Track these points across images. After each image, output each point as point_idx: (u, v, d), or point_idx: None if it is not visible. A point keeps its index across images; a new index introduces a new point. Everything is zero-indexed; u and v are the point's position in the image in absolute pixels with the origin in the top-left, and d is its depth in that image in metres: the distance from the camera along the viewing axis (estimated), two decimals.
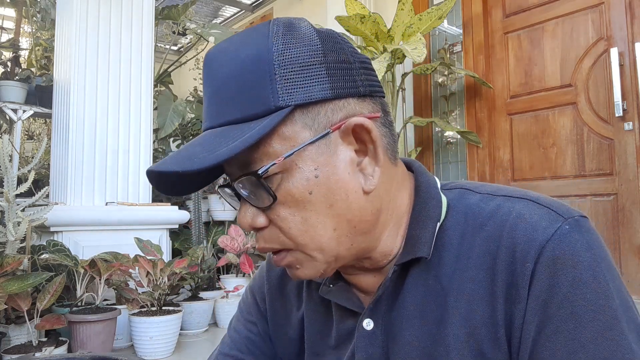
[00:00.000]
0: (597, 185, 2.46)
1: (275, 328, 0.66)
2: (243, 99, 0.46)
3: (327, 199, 0.47)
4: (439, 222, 0.52)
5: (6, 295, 1.65)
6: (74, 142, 2.42)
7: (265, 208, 0.48)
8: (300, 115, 0.47)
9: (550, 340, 0.44)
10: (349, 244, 0.49)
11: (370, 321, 0.53)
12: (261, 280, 0.68)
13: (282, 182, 0.47)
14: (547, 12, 2.72)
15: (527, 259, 0.45)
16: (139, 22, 2.67)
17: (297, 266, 0.50)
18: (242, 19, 5.48)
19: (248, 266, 2.70)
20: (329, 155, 0.47)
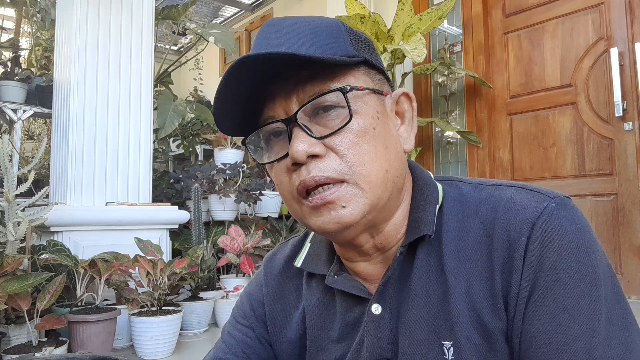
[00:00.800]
0: (597, 185, 2.46)
1: (275, 330, 0.66)
2: (323, 43, 0.51)
3: (384, 140, 0.53)
4: (438, 205, 0.56)
5: (6, 295, 1.65)
6: (74, 142, 2.42)
7: (331, 134, 0.51)
8: (365, 70, 0.54)
9: (538, 304, 0.48)
10: (388, 193, 0.53)
11: (379, 306, 0.56)
12: (259, 285, 0.69)
13: (355, 109, 0.51)
14: (547, 12, 2.72)
15: (521, 234, 0.50)
16: (139, 22, 2.67)
17: (343, 204, 0.51)
18: (242, 19, 5.48)
19: (248, 266, 2.70)
20: (384, 111, 0.55)
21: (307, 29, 0.52)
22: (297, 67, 0.50)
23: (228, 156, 3.43)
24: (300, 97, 0.52)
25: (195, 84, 5.00)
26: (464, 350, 0.50)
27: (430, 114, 3.18)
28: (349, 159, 0.50)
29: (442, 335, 0.52)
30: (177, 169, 3.53)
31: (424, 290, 0.54)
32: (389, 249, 0.57)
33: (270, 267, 0.70)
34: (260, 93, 0.53)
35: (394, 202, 0.55)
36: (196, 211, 2.77)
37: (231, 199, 3.09)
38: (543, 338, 0.47)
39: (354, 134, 0.51)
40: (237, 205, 3.17)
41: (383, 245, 0.57)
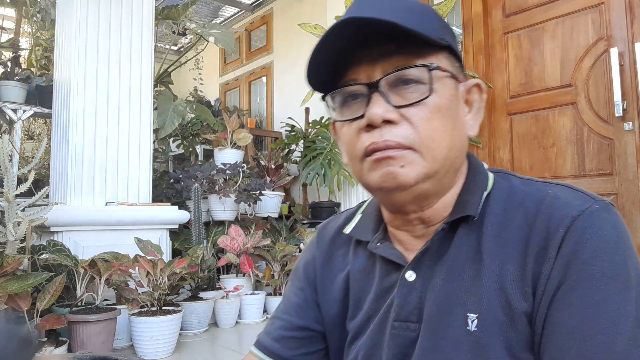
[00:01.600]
0: (597, 185, 2.46)
1: (323, 290, 0.72)
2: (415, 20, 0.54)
3: (453, 122, 0.57)
4: (486, 192, 0.60)
5: (6, 295, 1.65)
6: (74, 142, 2.42)
7: (409, 105, 0.55)
8: (447, 55, 0.58)
9: (567, 294, 0.50)
10: (445, 169, 0.57)
11: (413, 273, 0.60)
12: (311, 251, 0.76)
13: (435, 87, 0.55)
14: (547, 12, 2.72)
15: (560, 227, 0.52)
16: (139, 22, 2.67)
17: (402, 164, 0.55)
18: (242, 19, 5.48)
19: (248, 266, 2.70)
20: (457, 96, 0.59)
21: (402, 3, 0.56)
22: (387, 37, 0.54)
23: (228, 156, 3.43)
24: (384, 67, 0.55)
25: (195, 84, 5.00)
26: (487, 324, 0.53)
27: None
28: (421, 130, 0.55)
29: (469, 307, 0.55)
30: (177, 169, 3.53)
31: (459, 265, 0.57)
32: (433, 225, 0.61)
33: (323, 234, 0.77)
34: (346, 55, 0.57)
35: (449, 180, 0.59)
36: (196, 211, 2.76)
37: (231, 199, 3.09)
38: (567, 326, 0.49)
39: (429, 110, 0.55)
40: (237, 205, 3.17)
41: (429, 220, 0.61)
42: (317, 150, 3.48)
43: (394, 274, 0.63)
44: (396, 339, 0.60)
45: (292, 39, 4.63)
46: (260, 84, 5.23)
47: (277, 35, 4.94)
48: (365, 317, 0.65)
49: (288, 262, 2.80)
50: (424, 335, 0.57)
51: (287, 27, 4.71)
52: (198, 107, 3.98)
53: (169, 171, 4.12)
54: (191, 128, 3.91)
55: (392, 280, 0.63)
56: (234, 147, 3.50)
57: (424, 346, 0.57)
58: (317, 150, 3.48)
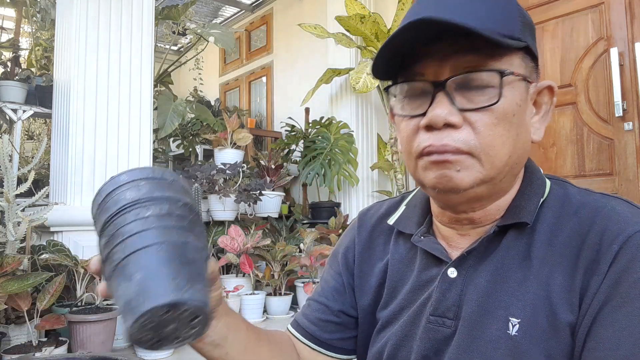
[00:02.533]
0: (597, 185, 2.46)
1: (360, 276, 0.72)
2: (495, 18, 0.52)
3: (518, 128, 0.55)
4: (542, 199, 0.59)
5: (6, 295, 1.65)
6: (74, 142, 2.42)
7: (474, 109, 0.52)
8: (523, 56, 0.55)
9: (615, 311, 0.49)
10: (503, 176, 0.56)
11: (455, 270, 0.59)
12: (352, 237, 0.76)
13: (504, 93, 0.52)
14: (547, 12, 2.72)
15: (614, 242, 0.51)
16: (139, 22, 2.67)
17: (458, 168, 0.53)
18: (242, 19, 5.48)
19: (248, 266, 2.70)
20: (525, 100, 0.56)
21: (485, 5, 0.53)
22: (461, 34, 0.50)
23: (228, 156, 3.43)
24: (454, 65, 0.53)
25: (195, 84, 5.00)
26: (529, 330, 0.52)
27: None
28: (483, 137, 0.53)
29: (512, 311, 0.54)
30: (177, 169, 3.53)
31: (505, 268, 0.56)
32: (482, 225, 0.60)
33: (364, 220, 0.76)
34: (415, 49, 0.54)
35: (506, 185, 0.58)
36: None
37: (231, 199, 3.09)
38: (612, 342, 0.48)
39: (494, 116, 0.53)
40: (237, 205, 3.17)
41: (479, 221, 0.60)
42: (317, 150, 3.48)
43: (434, 268, 0.62)
44: (430, 332, 0.59)
45: (292, 39, 4.63)
46: (260, 84, 5.23)
47: (277, 35, 4.94)
48: (398, 307, 0.65)
49: (288, 262, 2.80)
50: (461, 332, 0.57)
51: (287, 27, 4.71)
52: (198, 107, 3.98)
53: None
54: (191, 128, 3.91)
55: (431, 275, 0.62)
56: (234, 147, 3.50)
57: (459, 344, 0.57)
58: (317, 150, 3.48)
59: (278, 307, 2.74)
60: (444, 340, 0.58)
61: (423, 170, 0.56)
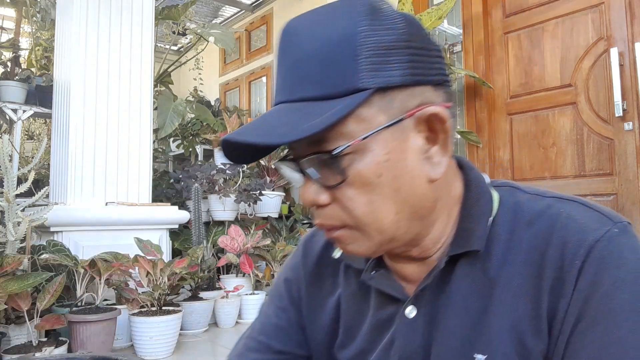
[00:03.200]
0: (597, 185, 2.46)
1: (309, 313, 0.66)
2: (324, 77, 0.46)
3: (394, 183, 0.48)
4: (491, 217, 0.53)
5: (6, 295, 1.65)
6: (74, 142, 2.42)
7: (331, 186, 0.49)
8: (378, 99, 0.47)
9: (586, 332, 0.46)
10: (406, 227, 0.51)
11: (414, 308, 0.55)
12: (296, 268, 0.69)
13: (353, 163, 0.47)
14: (547, 12, 2.72)
15: (576, 257, 0.47)
16: (139, 22, 2.67)
17: (348, 242, 0.51)
18: (242, 19, 5.48)
19: (248, 266, 2.70)
20: (400, 141, 0.48)
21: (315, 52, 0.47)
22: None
23: None
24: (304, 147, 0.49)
25: (195, 84, 5.00)
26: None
27: None
28: (351, 210, 0.49)
29: (477, 347, 0.50)
30: (177, 169, 3.53)
31: (464, 300, 0.52)
32: (431, 256, 0.56)
33: (309, 249, 0.68)
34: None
35: (419, 228, 0.52)
36: (196, 211, 2.77)
37: (231, 199, 3.09)
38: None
39: (353, 188, 0.48)
40: (237, 205, 3.17)
41: (424, 254, 0.55)
42: None
43: (391, 306, 0.57)
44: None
45: None
46: (260, 84, 5.23)
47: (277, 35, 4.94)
48: (359, 349, 0.60)
49: None
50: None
51: None
52: (198, 107, 3.98)
53: (169, 171, 4.12)
54: (191, 128, 3.91)
55: (389, 313, 0.58)
56: None
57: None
58: None
59: None
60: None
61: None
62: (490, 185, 0.57)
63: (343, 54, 0.46)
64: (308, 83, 0.47)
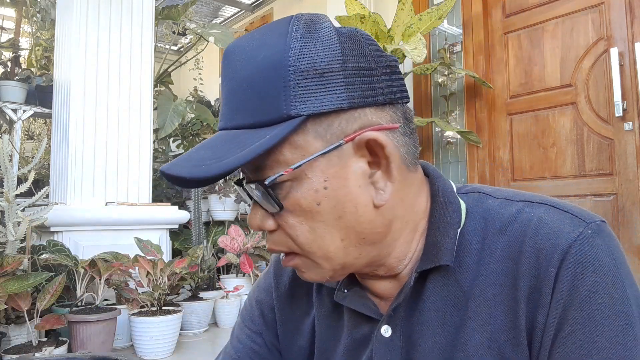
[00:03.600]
0: (597, 185, 2.46)
1: (285, 336, 0.64)
2: (256, 104, 0.45)
3: (336, 211, 0.47)
4: (459, 228, 0.51)
5: (6, 295, 1.65)
6: (74, 142, 2.42)
7: (274, 213, 0.48)
8: (312, 125, 0.45)
9: (567, 341, 0.45)
10: (357, 253, 0.49)
11: (389, 328, 0.53)
12: (268, 289, 0.66)
13: (291, 191, 0.46)
14: (547, 12, 2.72)
15: (550, 264, 0.46)
16: (139, 22, 2.67)
17: (303, 270, 0.51)
18: (242, 19, 5.48)
19: (248, 266, 2.70)
20: (340, 167, 0.46)
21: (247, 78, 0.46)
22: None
23: None
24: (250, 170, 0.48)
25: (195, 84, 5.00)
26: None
27: (430, 114, 3.18)
28: (294, 238, 0.48)
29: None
30: None
31: (440, 315, 0.51)
32: (400, 272, 0.54)
33: (281, 269, 0.66)
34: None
35: (374, 252, 0.50)
36: (196, 211, 2.77)
37: (231, 199, 3.09)
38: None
39: (294, 215, 0.47)
40: (237, 205, 3.17)
41: (390, 273, 0.54)
42: None
43: (365, 325, 0.56)
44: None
45: None
46: None
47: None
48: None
49: None
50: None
51: None
52: (198, 107, 3.98)
53: None
54: (191, 128, 3.91)
55: (364, 333, 0.56)
56: None
57: None
58: None
59: None
60: None
61: None
62: (458, 192, 0.55)
63: (273, 80, 0.45)
64: (243, 110, 0.46)
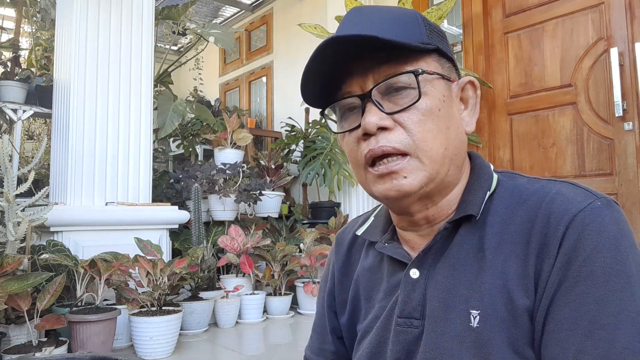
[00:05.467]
0: (597, 185, 2.46)
1: (340, 295, 0.75)
2: (399, 30, 0.57)
3: (447, 121, 0.59)
4: (489, 192, 0.61)
5: (6, 295, 1.65)
6: (74, 142, 2.42)
7: (400, 110, 0.57)
8: (436, 57, 0.60)
9: (569, 291, 0.51)
10: (446, 168, 0.59)
11: (416, 271, 0.62)
12: (330, 259, 0.79)
13: (424, 89, 0.57)
14: (547, 12, 2.72)
15: (560, 224, 0.53)
16: (139, 22, 2.67)
17: (405, 175, 0.58)
18: (242, 19, 5.48)
19: (248, 266, 2.70)
20: (449, 94, 0.60)
21: (388, 16, 0.59)
22: (376, 49, 0.56)
23: (228, 156, 3.43)
24: (375, 77, 0.58)
25: (195, 84, 5.00)
26: (489, 320, 0.54)
27: None
28: (414, 134, 0.57)
29: (471, 304, 0.56)
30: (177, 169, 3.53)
31: (461, 262, 0.58)
32: (437, 223, 0.63)
33: (341, 240, 0.79)
34: (339, 70, 0.59)
35: (452, 178, 0.61)
36: (196, 211, 2.76)
37: (231, 199, 3.09)
38: (569, 322, 0.50)
39: (420, 113, 0.57)
40: (237, 205, 3.17)
41: (434, 218, 0.63)
42: (317, 150, 3.48)
43: (400, 272, 0.64)
44: (400, 335, 0.61)
45: (292, 39, 4.63)
46: (260, 84, 5.23)
47: (277, 35, 4.94)
48: (374, 315, 0.66)
49: (288, 262, 2.80)
50: (427, 331, 0.58)
51: (287, 27, 4.70)
52: (198, 107, 3.98)
53: (169, 171, 4.11)
54: (191, 128, 3.91)
55: (398, 278, 0.64)
56: (234, 147, 3.50)
57: (427, 342, 0.58)
58: (317, 150, 3.48)
59: (278, 307, 2.74)
60: (414, 341, 0.60)
61: (373, 183, 0.60)
62: (495, 171, 0.65)
63: (412, 20, 0.59)
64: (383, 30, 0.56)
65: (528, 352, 0.53)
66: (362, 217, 0.79)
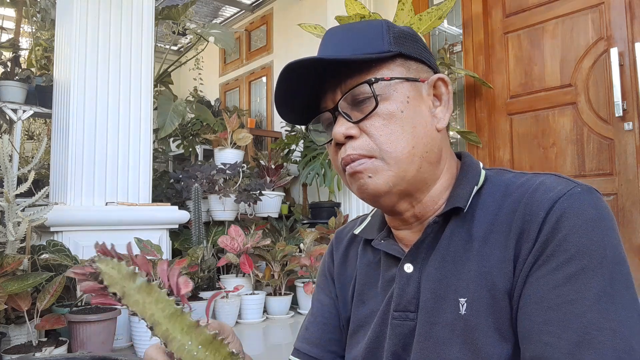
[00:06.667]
0: (597, 185, 2.46)
1: (340, 289, 0.78)
2: (362, 44, 0.62)
3: (412, 121, 0.61)
4: (477, 186, 0.64)
5: (6, 295, 1.65)
6: (74, 142, 2.42)
7: (363, 118, 0.61)
8: (401, 62, 0.63)
9: (540, 268, 0.53)
10: (418, 165, 0.62)
11: (410, 265, 0.64)
12: (330, 255, 0.83)
13: (385, 95, 0.61)
14: (547, 12, 2.72)
15: (541, 209, 0.55)
16: (139, 22, 2.67)
17: (369, 174, 0.61)
18: (242, 19, 5.48)
19: (248, 266, 2.70)
20: (416, 94, 0.63)
21: (351, 34, 0.64)
22: (339, 65, 0.61)
23: (228, 156, 3.43)
24: (343, 90, 0.62)
25: (195, 84, 5.00)
26: (475, 306, 0.57)
27: None
28: (376, 138, 0.60)
29: (460, 292, 0.58)
30: (177, 169, 3.53)
31: (451, 254, 0.61)
32: (427, 219, 0.66)
33: (340, 238, 0.83)
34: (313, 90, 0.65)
35: (427, 175, 0.63)
36: (196, 211, 2.76)
37: (231, 199, 3.09)
38: (537, 297, 0.52)
39: (382, 118, 0.60)
40: (237, 205, 3.17)
41: (422, 215, 0.66)
42: (317, 150, 3.48)
43: (395, 267, 0.67)
44: (396, 329, 0.63)
45: (292, 39, 4.63)
46: (260, 84, 5.23)
47: (277, 35, 4.94)
48: (369, 310, 0.70)
49: (288, 262, 2.80)
50: (421, 322, 0.61)
51: (287, 27, 4.70)
52: (198, 107, 3.98)
53: (169, 171, 4.11)
54: (191, 128, 3.91)
55: (393, 273, 0.67)
56: (234, 147, 3.50)
57: (420, 333, 0.61)
58: (317, 150, 3.48)
59: (278, 307, 2.74)
60: (410, 334, 0.62)
61: (349, 184, 0.64)
62: (484, 168, 0.68)
63: (375, 31, 0.63)
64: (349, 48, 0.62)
65: (512, 335, 0.54)
66: (361, 218, 0.83)
